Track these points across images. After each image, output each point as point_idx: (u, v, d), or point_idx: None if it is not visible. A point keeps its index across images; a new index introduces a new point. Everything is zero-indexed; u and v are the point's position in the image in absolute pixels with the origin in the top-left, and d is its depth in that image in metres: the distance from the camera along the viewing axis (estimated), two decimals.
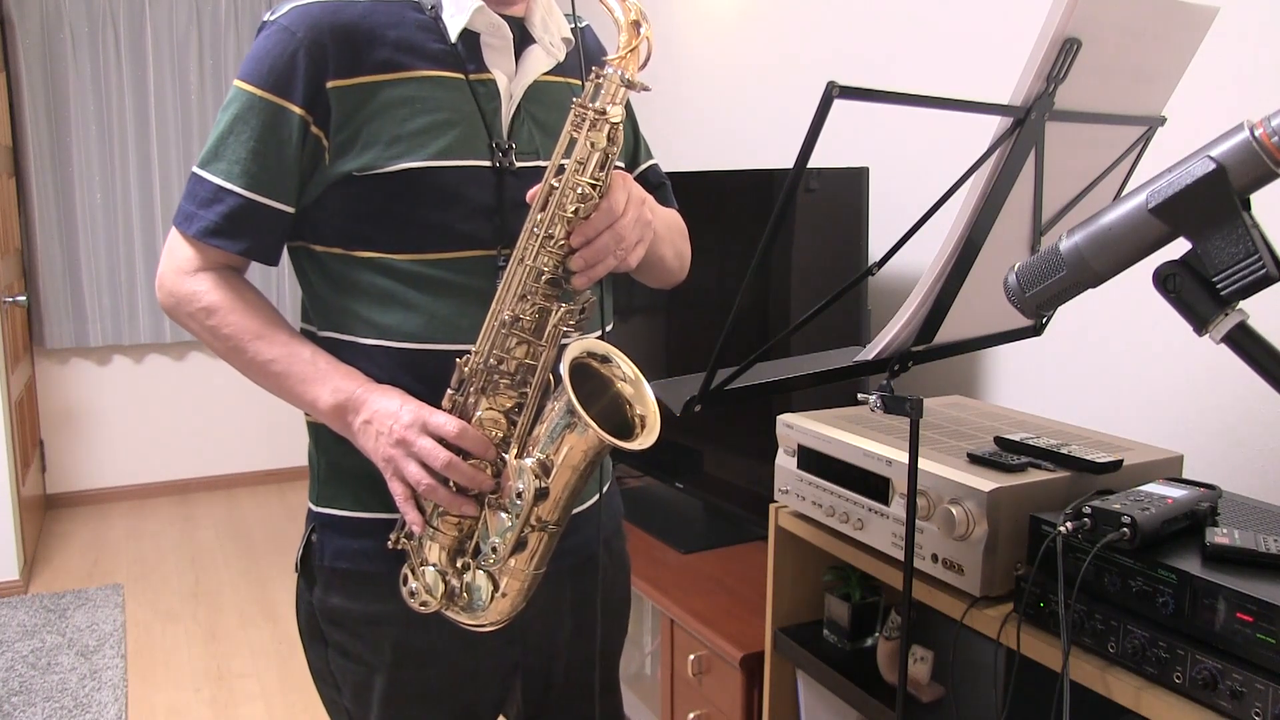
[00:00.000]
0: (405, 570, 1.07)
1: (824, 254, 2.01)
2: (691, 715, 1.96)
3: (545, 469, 1.01)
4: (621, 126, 1.02)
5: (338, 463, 1.14)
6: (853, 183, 1.87)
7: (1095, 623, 1.09)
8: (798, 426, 1.51)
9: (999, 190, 0.93)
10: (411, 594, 1.06)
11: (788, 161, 1.17)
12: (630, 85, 1.01)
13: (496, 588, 1.03)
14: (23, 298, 3.94)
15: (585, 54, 1.18)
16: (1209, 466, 1.49)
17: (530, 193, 1.03)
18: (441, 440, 1.01)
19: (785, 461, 1.54)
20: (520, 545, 1.03)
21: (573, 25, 1.17)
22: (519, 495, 1.01)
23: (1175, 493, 1.11)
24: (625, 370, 1.05)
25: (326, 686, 1.21)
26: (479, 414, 1.03)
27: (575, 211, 1.01)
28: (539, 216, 1.02)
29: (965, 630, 1.22)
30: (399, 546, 1.08)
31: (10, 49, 4.04)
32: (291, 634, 3.21)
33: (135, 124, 4.28)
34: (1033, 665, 1.14)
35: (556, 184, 1.01)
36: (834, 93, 0.79)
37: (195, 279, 1.08)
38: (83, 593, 3.48)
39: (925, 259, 0.99)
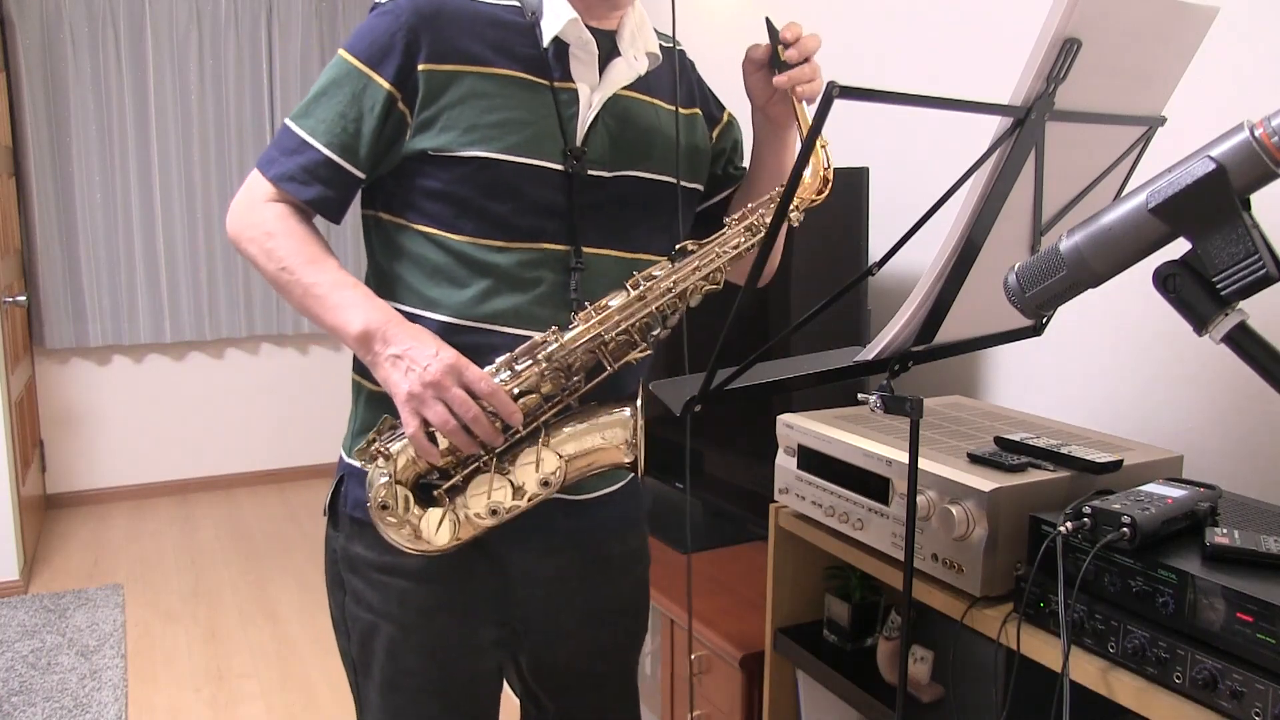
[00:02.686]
0: (383, 472, 1.10)
1: (824, 254, 2.01)
2: (691, 715, 1.96)
3: (569, 464, 1.11)
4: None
5: (367, 420, 1.21)
6: (853, 183, 1.87)
7: (1095, 623, 1.09)
8: (798, 426, 1.51)
9: (999, 190, 0.93)
10: (384, 505, 1.10)
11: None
12: (791, 215, 1.13)
13: (453, 533, 1.10)
14: (23, 298, 3.94)
15: (675, 76, 1.26)
16: (1209, 466, 1.49)
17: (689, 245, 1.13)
18: (470, 393, 1.06)
19: (785, 461, 1.54)
20: (510, 514, 1.10)
21: (668, 45, 1.25)
22: (545, 483, 1.10)
23: (1175, 493, 1.11)
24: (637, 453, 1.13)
25: (340, 636, 1.28)
26: (518, 386, 1.09)
27: (696, 286, 1.12)
28: (680, 274, 1.11)
29: (965, 630, 1.22)
30: (372, 450, 1.11)
31: (10, 49, 4.04)
32: (292, 634, 3.21)
33: (135, 124, 4.28)
34: (1033, 665, 1.14)
35: (692, 249, 1.12)
36: (834, 93, 0.79)
37: (266, 205, 1.15)
38: (83, 593, 3.48)
39: (925, 259, 0.99)
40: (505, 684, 1.34)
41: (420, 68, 1.10)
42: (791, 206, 1.13)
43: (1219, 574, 0.99)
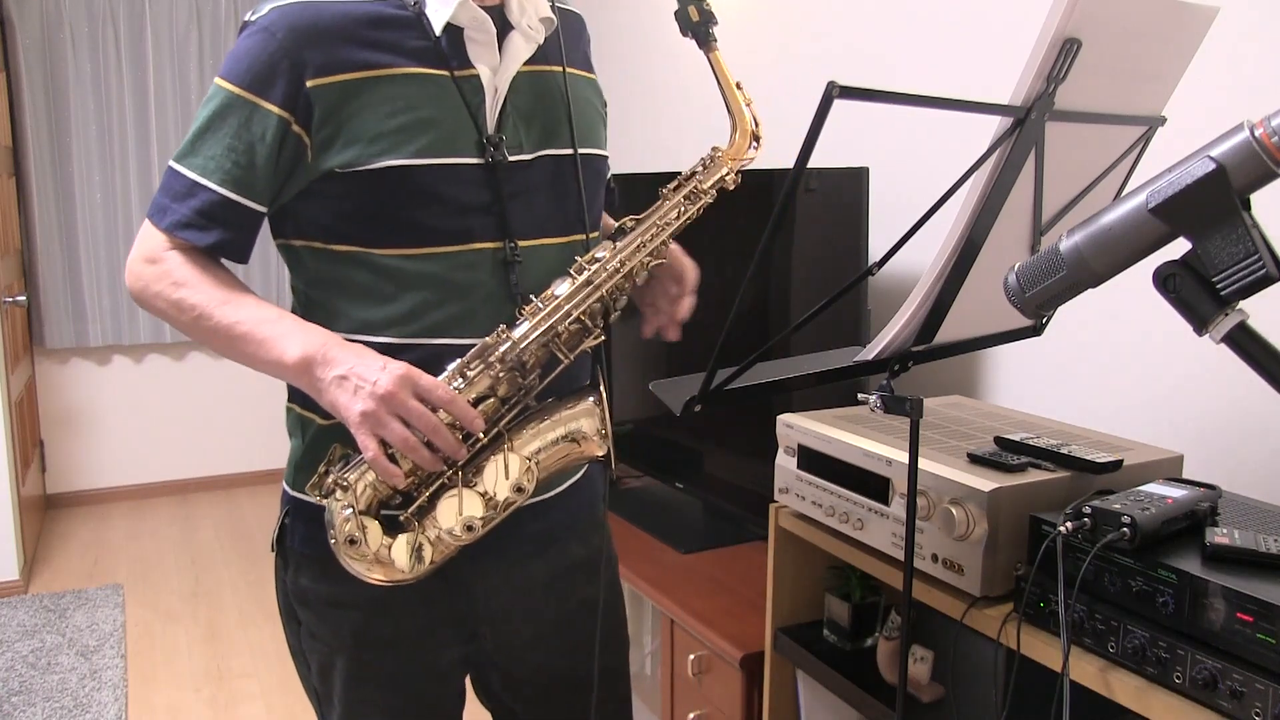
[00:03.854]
0: (343, 507, 1.03)
1: (824, 254, 2.01)
2: (691, 715, 1.96)
3: (539, 465, 1.07)
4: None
5: (313, 451, 1.16)
6: (853, 183, 1.87)
7: (1095, 623, 1.08)
8: (798, 426, 1.51)
9: (999, 190, 0.93)
10: (352, 540, 1.03)
11: (788, 161, 1.17)
12: (728, 179, 1.13)
13: (429, 557, 1.05)
14: (23, 298, 3.94)
15: (567, 40, 1.20)
16: (1209, 466, 1.49)
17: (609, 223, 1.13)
18: (426, 404, 1.00)
19: (785, 461, 1.54)
20: (486, 526, 1.06)
21: (552, 3, 1.18)
22: (519, 488, 1.05)
23: (1175, 493, 1.11)
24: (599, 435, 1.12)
25: (299, 663, 1.25)
26: (474, 392, 1.05)
27: (643, 263, 1.10)
28: (625, 253, 1.09)
29: (965, 630, 1.22)
30: (329, 483, 1.04)
31: (10, 49, 4.04)
32: None
33: (135, 124, 4.28)
34: (1033, 665, 1.14)
35: (631, 225, 1.11)
36: (834, 93, 0.79)
37: (167, 254, 1.08)
38: (83, 593, 3.48)
39: (925, 259, 0.99)
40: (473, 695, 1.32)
41: (309, 84, 1.03)
42: (725, 172, 1.13)
43: (1219, 574, 0.99)
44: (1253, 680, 0.94)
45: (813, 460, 1.48)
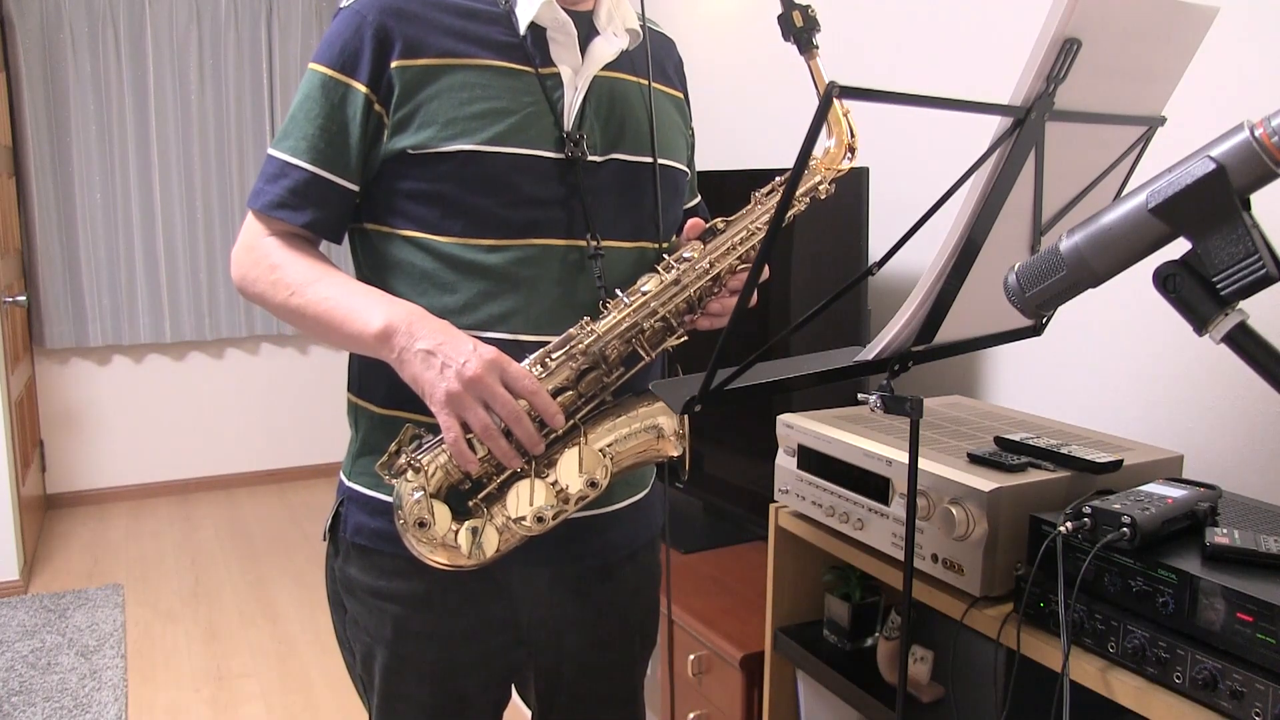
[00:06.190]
0: (414, 489, 1.04)
1: (824, 254, 2.01)
2: (691, 715, 1.96)
3: (614, 461, 1.07)
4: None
5: (370, 443, 1.16)
6: (853, 183, 1.87)
7: (1095, 623, 1.09)
8: (798, 426, 1.51)
9: (999, 190, 0.93)
10: (421, 522, 1.04)
11: (788, 162, 1.17)
12: (821, 188, 1.12)
13: (496, 545, 1.05)
14: (23, 298, 3.94)
15: (655, 56, 1.22)
16: (1209, 466, 1.49)
17: (695, 225, 1.12)
18: (510, 392, 1.00)
19: (785, 461, 1.54)
20: (557, 519, 1.05)
21: (642, 23, 1.20)
22: (592, 483, 1.05)
23: (1175, 493, 1.11)
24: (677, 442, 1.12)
25: (345, 651, 1.25)
26: (553, 383, 1.04)
27: (731, 266, 1.10)
28: (715, 255, 1.09)
29: (965, 630, 1.22)
30: (400, 464, 1.05)
31: (10, 49, 4.04)
32: (291, 634, 3.21)
33: (135, 124, 4.28)
34: (1033, 665, 1.14)
35: (722, 227, 1.10)
36: (834, 92, 0.79)
37: (264, 240, 1.11)
38: (83, 593, 3.48)
39: (925, 259, 0.98)
40: (518, 699, 1.32)
41: (393, 64, 1.05)
42: (819, 180, 1.11)
43: (1219, 574, 0.99)
44: (1253, 680, 0.94)
45: (813, 460, 1.48)
